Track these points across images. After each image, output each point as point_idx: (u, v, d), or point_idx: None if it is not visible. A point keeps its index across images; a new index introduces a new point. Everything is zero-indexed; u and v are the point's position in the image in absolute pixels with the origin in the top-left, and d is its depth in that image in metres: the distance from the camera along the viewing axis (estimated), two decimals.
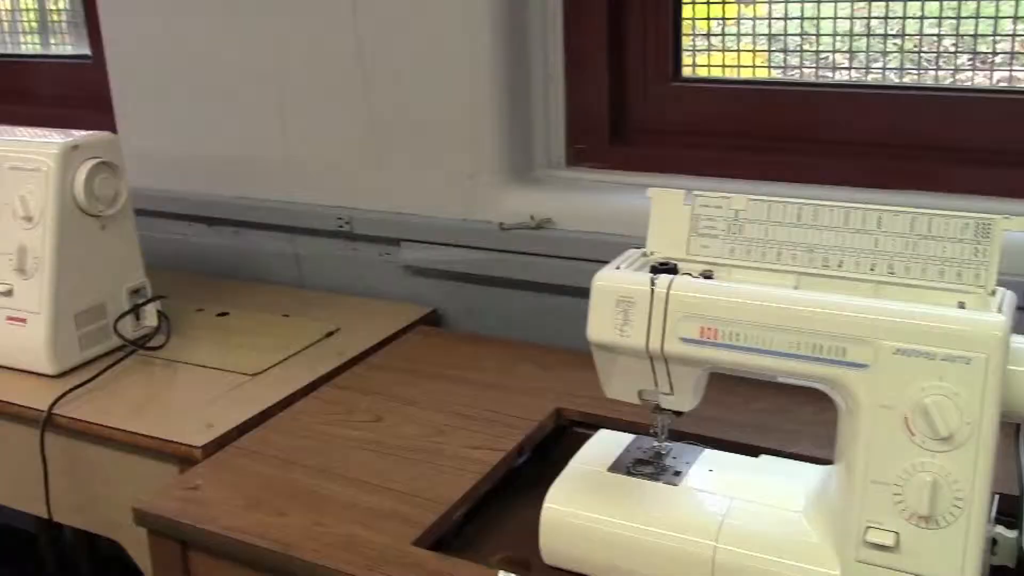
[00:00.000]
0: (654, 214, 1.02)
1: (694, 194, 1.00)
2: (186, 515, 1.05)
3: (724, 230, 0.98)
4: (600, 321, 0.97)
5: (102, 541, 2.27)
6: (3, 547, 2.48)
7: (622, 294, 0.96)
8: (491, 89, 1.48)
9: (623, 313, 0.96)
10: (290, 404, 1.31)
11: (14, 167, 1.41)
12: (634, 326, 0.95)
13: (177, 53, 1.75)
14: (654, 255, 1.01)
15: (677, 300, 0.92)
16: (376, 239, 1.64)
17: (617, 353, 0.98)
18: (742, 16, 1.47)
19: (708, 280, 0.95)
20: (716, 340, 0.91)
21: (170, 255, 1.84)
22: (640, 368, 0.98)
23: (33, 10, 2.32)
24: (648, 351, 0.95)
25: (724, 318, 0.90)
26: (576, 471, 1.04)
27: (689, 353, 0.92)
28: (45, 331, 1.39)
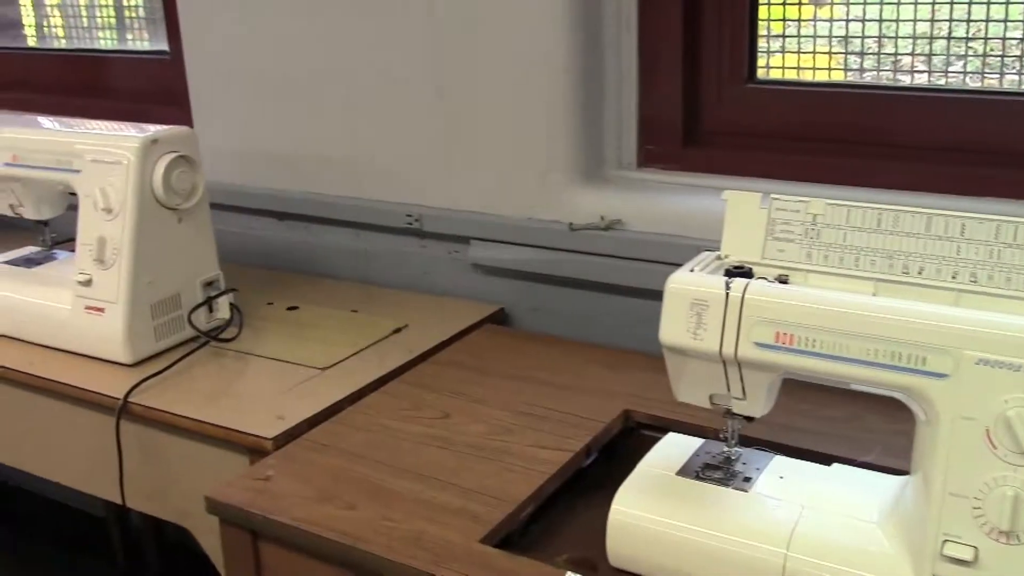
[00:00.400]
0: (729, 217, 1.01)
1: (770, 197, 0.98)
2: (257, 505, 1.06)
3: (801, 234, 0.97)
4: (673, 324, 0.96)
5: (169, 528, 2.33)
6: (73, 531, 2.54)
7: (696, 297, 0.95)
8: (564, 88, 1.48)
9: (696, 316, 0.95)
10: (359, 399, 1.32)
11: (96, 160, 1.44)
12: (708, 330, 0.94)
13: (253, 51, 1.77)
14: (728, 258, 1.00)
15: (752, 304, 0.91)
16: (445, 236, 1.65)
17: (689, 357, 0.97)
18: (813, 19, 1.45)
19: (784, 285, 0.94)
20: (792, 346, 0.90)
21: (241, 249, 1.86)
22: (712, 372, 0.97)
23: (110, 6, 2.37)
24: (721, 355, 0.94)
25: (801, 324, 0.88)
26: (644, 474, 1.03)
27: (763, 358, 0.91)
28: (122, 321, 1.41)
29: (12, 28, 2.56)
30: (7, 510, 2.64)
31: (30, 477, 1.56)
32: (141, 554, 2.35)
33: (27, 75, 2.38)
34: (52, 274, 1.60)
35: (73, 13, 2.39)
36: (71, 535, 2.54)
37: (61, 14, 2.42)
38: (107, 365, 1.45)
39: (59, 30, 2.44)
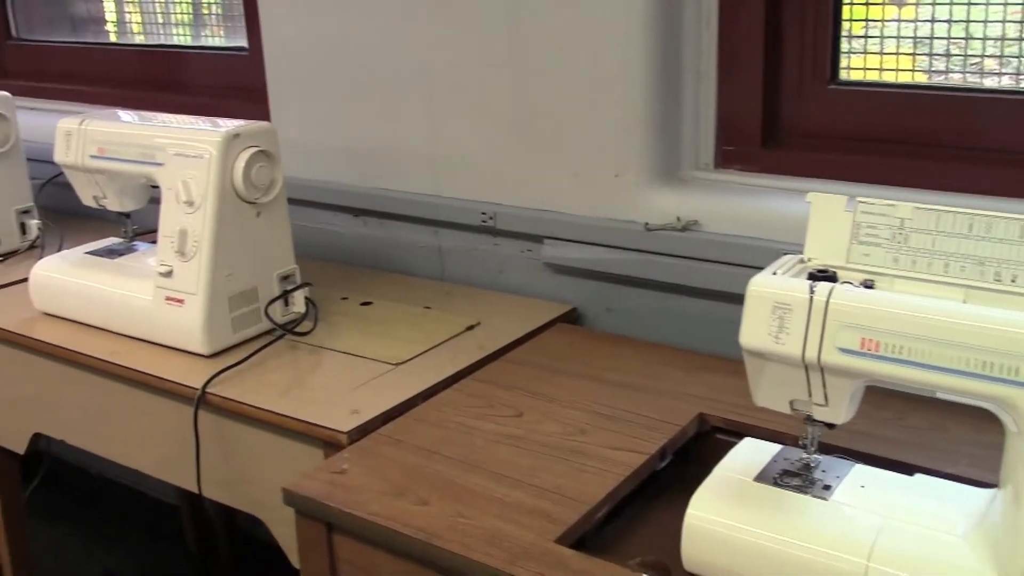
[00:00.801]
0: (813, 219, 1.00)
1: (856, 200, 0.97)
2: (333, 498, 1.07)
3: (888, 239, 0.95)
4: (754, 327, 0.95)
5: (240, 517, 2.36)
6: (149, 518, 2.60)
7: (779, 300, 0.93)
8: (642, 87, 1.47)
9: (779, 320, 0.94)
10: (432, 395, 1.32)
11: (179, 153, 1.46)
12: (790, 334, 0.93)
13: (332, 47, 1.79)
14: (812, 262, 0.98)
15: (837, 309, 0.89)
16: (519, 235, 1.65)
17: (770, 361, 0.96)
18: (891, 19, 1.42)
19: (870, 290, 0.92)
20: (877, 352, 0.88)
21: (316, 244, 1.88)
22: (793, 377, 0.96)
23: (187, 3, 2.41)
24: (804, 360, 0.93)
25: (887, 330, 0.87)
26: (721, 479, 1.02)
27: (848, 364, 0.90)
28: (201, 312, 1.44)
29: (95, 24, 2.63)
30: (87, 496, 2.70)
31: (110, 465, 1.59)
32: (213, 543, 2.39)
33: (108, 70, 2.43)
34: (133, 265, 1.63)
35: (150, 10, 2.44)
36: (147, 522, 2.60)
37: (139, 11, 2.48)
38: (185, 355, 1.47)
39: (138, 26, 2.49)
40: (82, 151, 1.59)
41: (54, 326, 1.60)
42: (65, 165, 1.63)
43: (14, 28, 2.59)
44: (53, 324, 1.61)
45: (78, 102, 2.39)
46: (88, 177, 1.62)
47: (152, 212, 1.69)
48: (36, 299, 1.64)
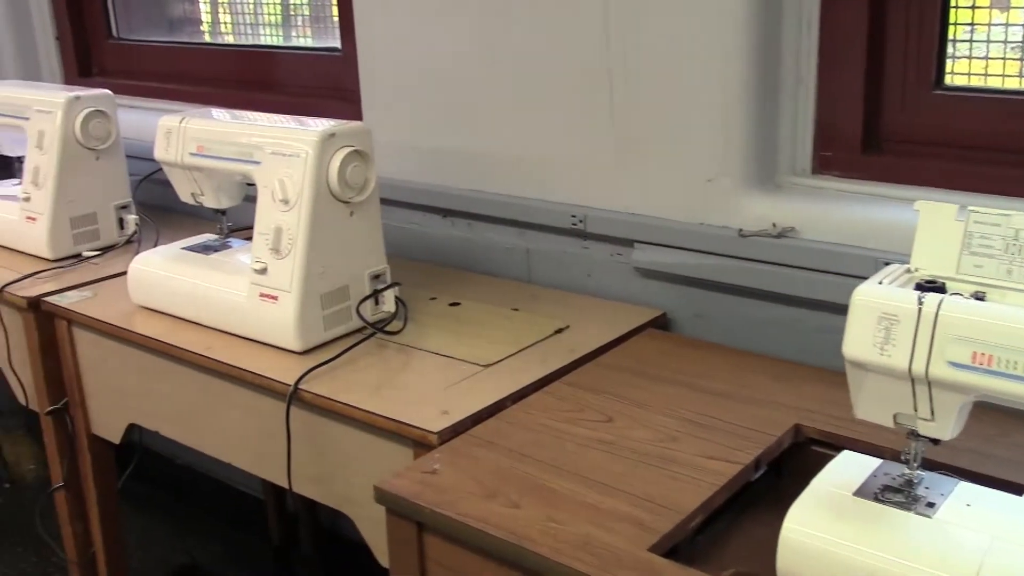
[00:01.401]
0: (921, 228, 0.97)
1: (968, 209, 0.94)
2: (424, 498, 1.08)
3: (1001, 250, 0.92)
4: (859, 337, 0.92)
5: (322, 512, 2.39)
6: (234, 510, 2.65)
7: (885, 311, 0.91)
8: (739, 91, 1.45)
9: (885, 331, 0.91)
10: (522, 398, 1.32)
11: (275, 152, 1.48)
12: (897, 346, 0.90)
13: (426, 50, 1.80)
14: (919, 272, 0.96)
15: (947, 321, 0.87)
16: (608, 239, 1.64)
17: (874, 373, 0.93)
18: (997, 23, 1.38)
19: (982, 302, 0.89)
20: (990, 367, 0.85)
21: (405, 243, 1.90)
22: (898, 390, 0.93)
23: (276, 4, 2.45)
24: (910, 373, 0.90)
25: (1001, 344, 0.84)
26: (819, 492, 1.00)
27: (957, 379, 0.87)
28: (294, 309, 1.45)
29: (190, 24, 2.69)
30: (174, 486, 2.76)
31: (198, 456, 1.62)
32: (296, 536, 2.42)
33: (202, 69, 2.48)
34: (228, 261, 1.66)
35: (241, 11, 2.49)
36: (231, 514, 2.64)
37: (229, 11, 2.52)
38: (277, 351, 1.49)
39: (230, 27, 2.54)
40: (182, 149, 1.62)
41: (151, 319, 1.64)
42: (164, 162, 1.67)
43: (115, 28, 2.66)
44: (150, 317, 1.65)
45: (174, 100, 2.45)
46: (186, 174, 1.66)
47: (246, 209, 1.72)
48: (134, 293, 1.68)
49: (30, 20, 2.65)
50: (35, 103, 1.98)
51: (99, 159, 1.99)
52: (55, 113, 1.93)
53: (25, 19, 2.66)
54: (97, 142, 1.97)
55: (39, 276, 1.86)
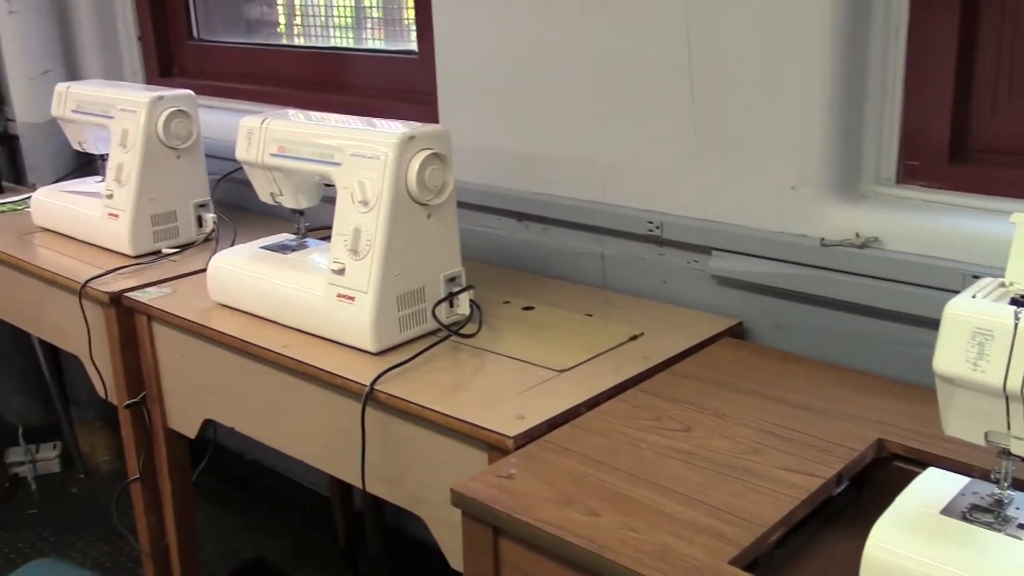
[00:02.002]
0: (1017, 241, 0.94)
1: None
2: (501, 503, 1.07)
3: None
4: (950, 353, 0.90)
5: (388, 512, 2.40)
6: (301, 507, 2.67)
7: (979, 326, 0.89)
8: (824, 98, 1.42)
9: (978, 347, 0.89)
10: (596, 404, 1.31)
11: (355, 154, 1.49)
12: (991, 362, 0.88)
13: (503, 53, 1.80)
14: (1014, 286, 0.93)
15: None
16: (685, 245, 1.62)
17: (965, 389, 0.91)
18: None
19: None
20: None
21: (479, 247, 1.90)
22: (991, 407, 0.91)
23: (349, 6, 2.48)
24: (1005, 390, 0.88)
25: None
26: (904, 509, 0.97)
27: None
28: (371, 310, 1.46)
29: (267, 26, 2.72)
30: (243, 481, 2.80)
31: (266, 452, 1.64)
32: (362, 535, 2.44)
33: (279, 70, 2.51)
34: (306, 261, 1.67)
35: (314, 13, 2.52)
36: (298, 511, 2.67)
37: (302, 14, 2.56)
38: (353, 351, 1.50)
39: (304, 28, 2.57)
40: (262, 149, 1.64)
41: (229, 317, 1.66)
42: (245, 162, 1.69)
43: (195, 29, 2.71)
44: (228, 315, 1.67)
45: (250, 101, 2.48)
46: (266, 174, 1.67)
47: (322, 209, 1.73)
48: (213, 290, 1.71)
49: (114, 21, 2.71)
50: (120, 102, 2.02)
51: (180, 158, 2.02)
52: (139, 112, 1.97)
53: (109, 20, 2.72)
54: (178, 141, 2.00)
55: (120, 272, 1.89)
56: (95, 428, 2.96)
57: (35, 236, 2.17)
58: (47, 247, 2.10)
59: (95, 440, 2.97)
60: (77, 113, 2.14)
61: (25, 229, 2.22)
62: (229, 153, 2.15)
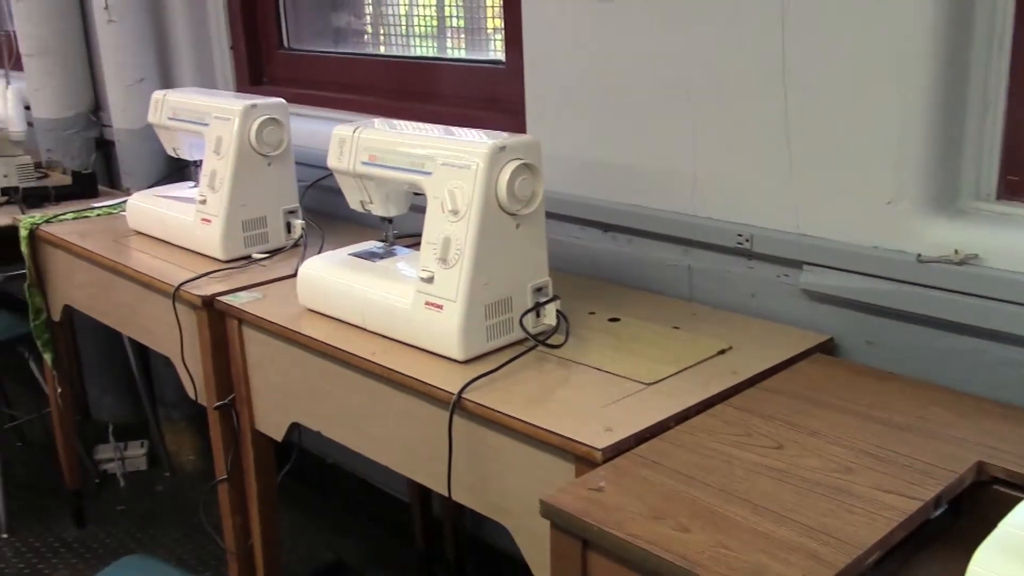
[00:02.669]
0: None
1: None
2: (590, 515, 1.07)
3: None
4: None
5: (466, 520, 2.41)
6: (380, 512, 2.70)
7: None
8: (922, 111, 1.39)
9: None
10: (685, 419, 1.30)
11: (446, 163, 1.51)
12: None
13: (593, 63, 1.80)
14: None
15: None
16: (776, 259, 1.60)
17: None
18: None
19: None
20: None
21: (564, 257, 1.89)
22: None
23: (431, 16, 2.50)
24: None
25: None
26: (1009, 536, 0.94)
27: None
28: (459, 318, 1.47)
29: (354, 35, 2.76)
30: (324, 484, 2.84)
31: (347, 456, 1.66)
32: (440, 541, 2.45)
33: (364, 79, 2.54)
34: (394, 269, 1.69)
35: (395, 23, 2.55)
36: (377, 515, 2.70)
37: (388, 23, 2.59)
38: (440, 359, 1.51)
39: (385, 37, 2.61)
40: (354, 157, 1.66)
41: (317, 322, 1.69)
42: (337, 170, 1.72)
43: (286, 39, 2.76)
44: (316, 320, 1.69)
45: (337, 109, 2.52)
46: (357, 182, 1.70)
47: (409, 217, 1.75)
48: (302, 296, 1.73)
49: (208, 31, 2.78)
50: (214, 110, 2.07)
51: (271, 165, 2.06)
52: (232, 120, 2.01)
53: (203, 30, 2.78)
54: (270, 148, 2.04)
55: (212, 276, 1.94)
56: (181, 428, 3.03)
57: (130, 239, 2.23)
58: (141, 250, 2.15)
59: (181, 439, 3.04)
60: (173, 120, 2.19)
61: (120, 232, 2.28)
62: (317, 160, 2.19)
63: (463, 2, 2.38)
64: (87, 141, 3.08)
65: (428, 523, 2.48)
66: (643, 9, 1.69)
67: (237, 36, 2.75)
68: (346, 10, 2.75)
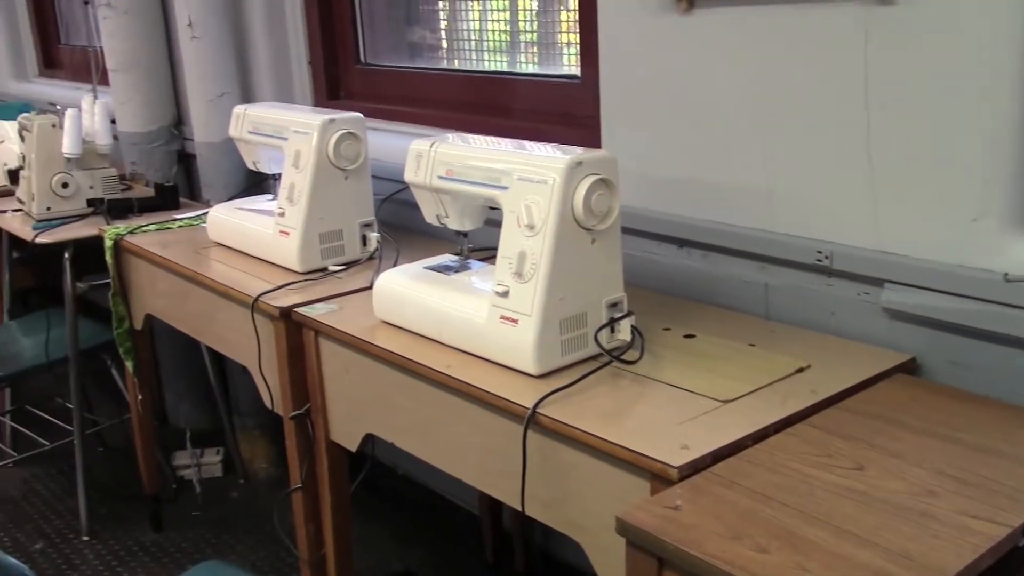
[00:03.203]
0: None
1: None
2: (667, 534, 1.06)
3: None
4: None
5: (536, 534, 2.41)
6: (450, 523, 2.71)
7: None
8: (1008, 123, 1.36)
9: None
10: (763, 437, 1.28)
11: (523, 178, 1.51)
12: None
13: (671, 79, 1.79)
14: None
15: None
16: (856, 277, 1.57)
17: None
18: None
19: None
20: None
21: (638, 272, 1.89)
22: None
23: (504, 31, 2.51)
24: None
25: None
26: None
27: None
28: (534, 333, 1.47)
29: (428, 50, 2.79)
30: (395, 494, 2.86)
31: (417, 467, 1.67)
32: (510, 554, 2.45)
33: (438, 93, 2.57)
34: (469, 282, 1.70)
35: (468, 37, 2.57)
36: (448, 527, 2.71)
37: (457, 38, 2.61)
38: (514, 373, 1.51)
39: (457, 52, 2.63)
40: (431, 172, 1.68)
41: (392, 334, 1.70)
42: (413, 184, 1.73)
43: (363, 54, 2.80)
44: (391, 332, 1.71)
45: (411, 123, 2.55)
46: (433, 196, 1.71)
47: (483, 231, 1.76)
48: (378, 308, 1.75)
49: (287, 47, 2.83)
50: (293, 124, 2.10)
51: (347, 178, 2.09)
52: (311, 135, 2.04)
53: (282, 46, 2.83)
54: (347, 162, 2.07)
55: (290, 287, 1.97)
56: (255, 436, 3.08)
57: (210, 250, 2.28)
58: (221, 261, 2.20)
59: (254, 447, 3.09)
60: (253, 134, 2.24)
61: (200, 243, 2.33)
62: (391, 174, 2.22)
63: (536, 17, 2.39)
64: (169, 154, 3.16)
65: (498, 536, 2.48)
66: (723, 26, 1.68)
67: (315, 51, 2.80)
68: (421, 25, 2.79)
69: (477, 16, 2.56)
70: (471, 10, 2.58)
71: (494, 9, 2.53)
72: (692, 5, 1.71)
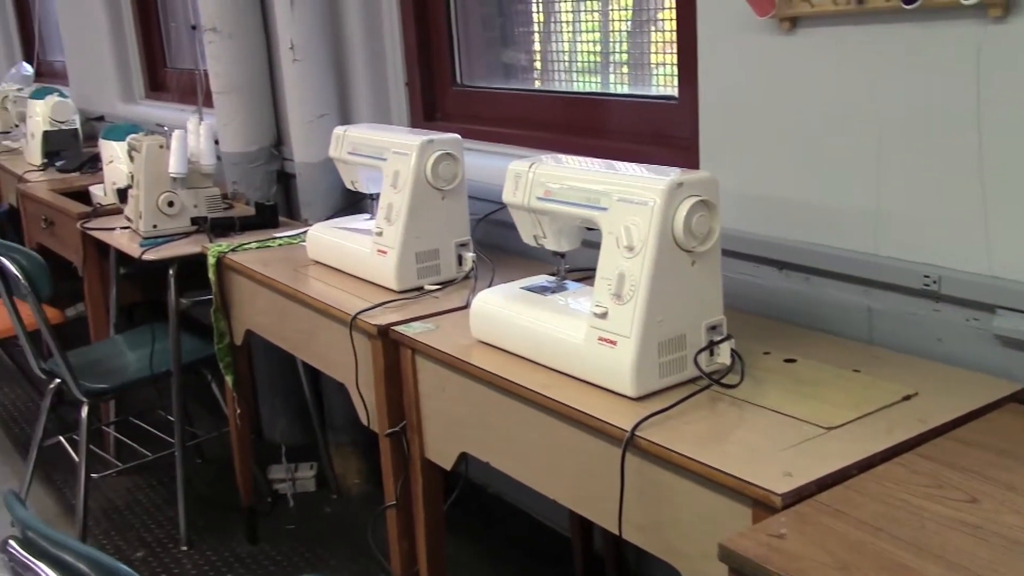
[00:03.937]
0: None
1: None
2: (772, 563, 1.04)
3: None
4: None
5: (630, 557, 2.39)
6: (540, 545, 2.70)
7: None
8: None
9: None
10: (869, 466, 1.25)
11: (622, 199, 1.51)
12: None
13: (772, 99, 1.77)
14: None
15: None
16: (965, 302, 1.53)
17: None
18: None
19: None
20: None
21: (737, 295, 1.86)
22: None
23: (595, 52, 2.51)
24: None
25: None
26: None
27: None
28: (632, 355, 1.46)
29: (522, 71, 2.81)
30: (486, 514, 2.86)
31: (509, 487, 1.66)
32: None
33: (533, 114, 2.58)
34: (566, 303, 1.70)
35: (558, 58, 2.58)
36: (539, 548, 2.70)
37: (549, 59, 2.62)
38: (611, 395, 1.50)
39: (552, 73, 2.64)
40: (529, 193, 1.68)
41: (489, 354, 1.71)
42: (511, 205, 1.74)
43: (459, 75, 2.83)
44: (488, 352, 1.72)
45: (506, 144, 2.56)
46: (531, 217, 1.72)
47: (579, 252, 1.76)
48: (475, 328, 1.76)
49: (385, 69, 2.87)
50: (392, 145, 2.13)
51: (444, 199, 2.11)
52: (410, 155, 2.07)
53: (380, 68, 2.88)
54: (444, 183, 2.09)
55: (387, 306, 1.99)
56: (348, 452, 3.11)
57: (309, 268, 2.32)
58: (319, 279, 2.23)
59: (348, 464, 3.13)
60: (352, 155, 2.28)
61: (300, 261, 2.37)
62: (487, 194, 2.23)
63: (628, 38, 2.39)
64: (269, 174, 3.23)
65: (589, 558, 2.47)
66: (827, 45, 1.65)
67: (412, 73, 2.84)
68: (515, 47, 2.81)
69: (568, 38, 2.57)
70: (562, 32, 2.59)
71: (584, 31, 2.54)
72: (794, 25, 1.69)
